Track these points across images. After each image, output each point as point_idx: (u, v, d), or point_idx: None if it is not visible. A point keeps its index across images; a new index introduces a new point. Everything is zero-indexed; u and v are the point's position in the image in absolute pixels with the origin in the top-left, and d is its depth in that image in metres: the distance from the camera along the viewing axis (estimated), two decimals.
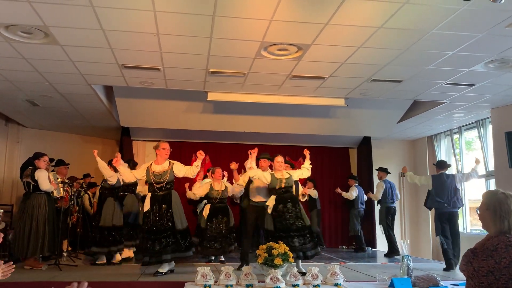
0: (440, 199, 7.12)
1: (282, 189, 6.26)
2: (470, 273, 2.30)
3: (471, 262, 2.31)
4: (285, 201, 6.23)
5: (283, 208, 6.19)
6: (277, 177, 6.29)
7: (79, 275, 5.83)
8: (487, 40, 5.14)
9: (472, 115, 9.00)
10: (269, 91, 7.51)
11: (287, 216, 6.14)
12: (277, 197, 6.25)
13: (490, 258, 2.26)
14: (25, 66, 6.16)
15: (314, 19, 4.68)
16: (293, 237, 6.04)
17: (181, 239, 5.95)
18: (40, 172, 6.39)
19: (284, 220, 6.13)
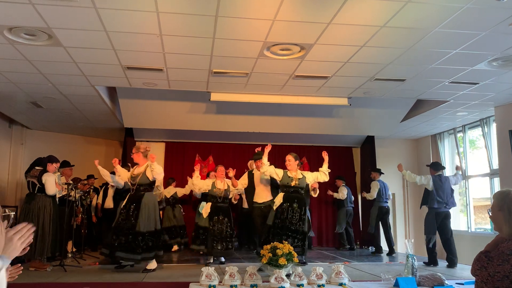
0: (440, 199, 7.36)
1: (291, 187, 6.27)
2: (485, 278, 2.25)
3: (486, 267, 2.27)
4: (291, 200, 6.26)
5: (288, 207, 6.20)
6: (289, 175, 6.32)
7: (83, 276, 5.85)
8: (490, 38, 5.12)
9: (476, 114, 8.97)
10: (272, 91, 7.51)
11: (289, 215, 6.15)
12: (284, 195, 6.26)
13: (506, 263, 2.21)
14: (29, 68, 6.18)
15: (316, 18, 4.67)
16: (287, 237, 6.11)
17: (142, 241, 6.06)
18: (48, 176, 6.44)
19: (285, 219, 6.14)
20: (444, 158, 10.96)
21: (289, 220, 6.18)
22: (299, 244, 6.19)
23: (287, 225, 6.15)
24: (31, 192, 6.49)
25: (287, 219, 6.18)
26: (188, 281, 5.04)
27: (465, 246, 9.77)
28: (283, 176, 6.35)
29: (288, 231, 6.17)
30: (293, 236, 6.17)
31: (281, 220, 6.18)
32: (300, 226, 6.22)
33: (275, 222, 6.22)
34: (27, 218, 6.35)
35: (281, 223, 6.16)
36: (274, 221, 6.23)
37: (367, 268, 6.79)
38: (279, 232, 6.11)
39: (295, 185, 6.29)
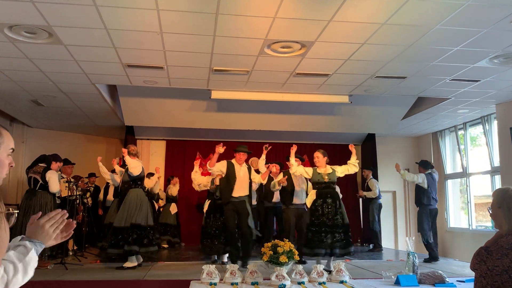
0: (434, 197, 7.75)
1: (323, 184, 6.31)
2: (484, 272, 2.26)
3: (485, 261, 2.27)
4: (325, 196, 6.28)
5: (322, 203, 6.24)
6: (319, 172, 6.35)
7: (85, 274, 5.85)
8: (491, 35, 5.10)
9: (477, 111, 8.95)
10: (272, 89, 7.49)
11: (325, 211, 6.18)
12: (317, 191, 6.31)
13: (505, 257, 2.22)
14: (29, 66, 6.17)
15: (317, 16, 4.66)
16: (327, 233, 6.11)
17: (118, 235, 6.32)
18: (52, 173, 6.47)
19: (321, 216, 6.18)
20: (445, 155, 10.96)
21: (326, 216, 6.19)
22: (341, 238, 6.16)
23: (324, 222, 6.17)
24: (32, 189, 6.49)
25: (323, 215, 6.20)
26: (189, 279, 5.04)
27: (466, 243, 9.78)
28: (313, 173, 6.39)
29: (326, 227, 6.17)
30: (333, 231, 6.15)
31: (317, 217, 6.21)
32: (339, 220, 6.22)
33: (312, 220, 6.23)
34: (27, 214, 6.34)
35: (318, 220, 6.19)
36: (311, 219, 6.25)
37: (368, 265, 6.79)
38: (318, 230, 6.13)
39: (327, 180, 6.32)
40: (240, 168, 6.55)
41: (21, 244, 1.47)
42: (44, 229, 1.56)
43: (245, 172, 6.56)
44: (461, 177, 10.40)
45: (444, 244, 10.72)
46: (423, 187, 7.69)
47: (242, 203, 6.40)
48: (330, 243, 6.06)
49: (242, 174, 6.52)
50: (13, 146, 1.61)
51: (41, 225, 1.56)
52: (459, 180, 10.66)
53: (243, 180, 6.47)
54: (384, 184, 10.45)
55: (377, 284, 4.82)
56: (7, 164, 1.57)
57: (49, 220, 1.58)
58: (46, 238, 1.55)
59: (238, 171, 6.52)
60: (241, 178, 6.48)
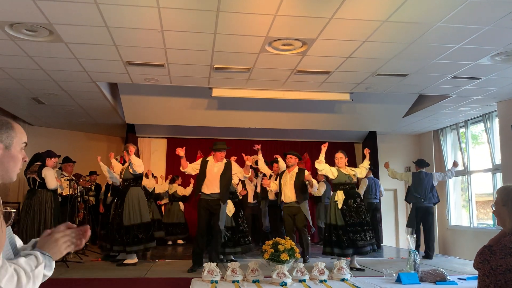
0: (418, 194, 7.80)
1: (349, 184, 6.41)
2: (487, 271, 2.25)
3: (488, 260, 2.27)
4: (353, 196, 6.40)
5: (353, 203, 6.33)
6: (345, 173, 6.43)
7: (86, 272, 5.86)
8: (493, 32, 5.09)
9: (478, 109, 8.94)
10: (274, 87, 7.49)
11: (357, 211, 6.30)
12: (345, 192, 6.38)
13: (509, 256, 2.21)
14: (30, 64, 6.18)
15: (318, 13, 4.65)
16: (358, 232, 6.21)
17: (129, 234, 6.38)
18: (48, 170, 6.45)
19: (355, 215, 6.28)
20: (446, 153, 10.94)
21: (358, 215, 6.30)
22: (372, 235, 6.35)
23: (359, 221, 6.28)
24: (32, 188, 6.50)
25: (356, 214, 6.30)
26: (190, 276, 5.04)
27: (467, 241, 9.78)
28: (339, 174, 6.45)
29: (358, 226, 6.27)
30: (365, 229, 6.25)
31: (351, 217, 6.28)
32: (365, 218, 6.37)
33: (346, 220, 6.26)
34: (29, 213, 6.38)
35: (352, 220, 6.27)
36: (345, 220, 6.27)
37: (369, 263, 6.78)
38: (350, 230, 6.22)
39: (352, 181, 6.44)
40: (215, 165, 6.27)
41: (33, 254, 1.43)
42: (57, 244, 1.51)
43: (219, 169, 6.25)
44: (462, 175, 10.38)
45: (445, 242, 10.72)
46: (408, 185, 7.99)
47: (214, 201, 6.13)
48: (362, 241, 6.20)
49: (216, 171, 6.23)
50: (26, 140, 1.58)
51: (55, 239, 1.51)
52: (460, 178, 10.65)
53: (215, 177, 6.18)
54: (385, 182, 10.43)
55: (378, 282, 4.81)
56: (21, 158, 1.55)
57: (64, 236, 1.53)
58: (57, 254, 1.50)
59: (211, 167, 6.26)
60: (214, 174, 6.20)
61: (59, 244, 1.51)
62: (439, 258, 8.06)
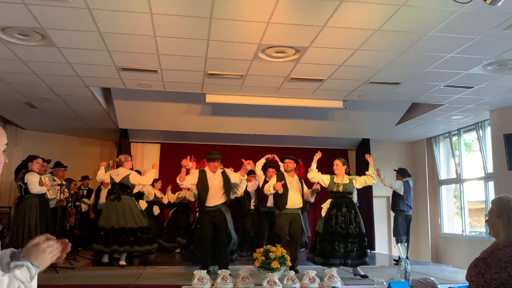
0: (409, 203, 8.25)
1: (338, 193, 6.32)
2: (481, 284, 2.24)
3: (483, 274, 2.25)
4: (340, 205, 6.28)
5: (336, 212, 6.24)
6: (335, 181, 6.37)
7: (76, 278, 5.81)
8: (485, 42, 5.12)
9: (471, 117, 8.98)
10: (267, 93, 7.49)
11: (340, 220, 6.19)
12: (332, 201, 6.33)
13: (504, 271, 2.20)
14: (23, 68, 6.15)
15: (311, 21, 4.66)
16: (340, 242, 6.10)
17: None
18: (30, 175, 6.40)
19: (335, 224, 6.18)
20: (439, 161, 10.98)
21: (340, 225, 6.17)
22: (355, 248, 6.15)
23: (338, 231, 6.16)
24: (20, 195, 6.50)
25: (337, 224, 6.19)
26: (180, 284, 5.00)
27: (460, 249, 9.79)
28: (330, 182, 6.40)
29: (339, 236, 6.15)
30: (345, 241, 6.13)
31: (331, 226, 6.20)
32: (354, 229, 6.20)
33: (326, 229, 6.20)
34: (16, 219, 6.39)
35: (331, 229, 6.18)
36: (324, 228, 6.23)
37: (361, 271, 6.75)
38: (331, 239, 6.14)
39: (342, 190, 6.32)
40: (214, 177, 6.25)
41: (25, 265, 1.42)
42: (44, 254, 1.51)
43: (219, 180, 6.24)
44: (455, 183, 10.42)
45: (437, 250, 10.73)
46: (400, 194, 8.09)
47: (218, 212, 6.13)
48: (343, 253, 6.07)
49: (216, 183, 6.22)
50: (7, 141, 1.59)
51: (42, 249, 1.51)
52: (453, 186, 10.68)
53: (217, 189, 6.17)
54: (378, 190, 10.45)
55: None
56: (2, 161, 1.54)
57: (49, 246, 1.53)
58: (43, 265, 1.50)
59: (211, 180, 6.23)
60: (215, 187, 6.18)
61: (46, 254, 1.51)
62: (431, 266, 8.06)
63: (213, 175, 6.25)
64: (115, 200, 7.03)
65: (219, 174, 6.29)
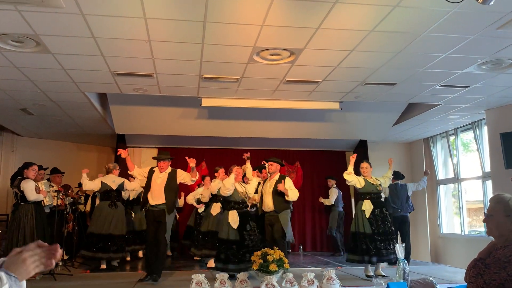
0: (394, 205, 8.40)
1: (375, 194, 6.52)
2: (480, 285, 2.21)
3: (482, 275, 2.22)
4: (380, 205, 6.53)
5: (380, 212, 6.44)
6: (372, 182, 6.57)
7: (74, 284, 5.79)
8: (479, 42, 5.13)
9: (468, 117, 8.99)
10: (263, 96, 7.49)
11: (382, 219, 6.40)
12: (372, 201, 6.49)
13: (503, 271, 2.17)
14: (17, 75, 6.13)
15: (305, 23, 4.66)
16: (383, 242, 6.30)
17: None
18: (26, 182, 6.38)
19: (382, 224, 6.37)
20: (437, 161, 10.99)
21: (383, 225, 6.37)
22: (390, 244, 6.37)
23: (382, 231, 6.36)
24: (16, 202, 6.48)
25: (382, 223, 6.38)
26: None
27: (458, 249, 9.78)
28: (366, 183, 6.58)
29: (384, 235, 6.35)
30: (389, 238, 6.34)
31: (380, 227, 6.37)
32: (390, 228, 6.47)
33: (373, 229, 6.36)
34: (12, 227, 6.38)
35: (382, 230, 6.36)
36: (372, 229, 6.37)
37: (360, 273, 6.75)
38: (377, 238, 6.30)
39: (378, 191, 6.57)
40: (159, 176, 6.26)
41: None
42: (25, 264, 1.39)
43: (163, 179, 6.22)
44: (453, 182, 10.42)
45: (436, 249, 10.72)
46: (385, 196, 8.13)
47: (160, 212, 6.09)
48: (387, 250, 6.27)
49: (160, 182, 6.20)
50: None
51: (23, 259, 1.39)
52: (452, 185, 10.68)
53: (159, 188, 6.15)
54: None
55: None
56: None
57: (32, 255, 1.42)
58: (24, 275, 1.39)
59: (155, 178, 6.24)
60: (157, 185, 6.17)
61: (27, 264, 1.40)
62: (430, 267, 8.06)
63: (159, 175, 6.30)
64: (112, 206, 7.34)
65: (166, 174, 6.31)
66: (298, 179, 11.01)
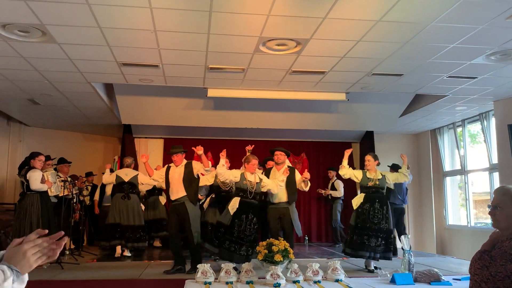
0: (400, 196, 8.56)
1: (371, 188, 6.40)
2: (485, 277, 2.19)
3: (487, 267, 2.21)
4: (373, 201, 6.36)
5: (369, 207, 6.33)
6: (368, 176, 6.44)
7: (80, 273, 5.84)
8: (487, 32, 5.07)
9: (475, 108, 8.92)
10: (269, 87, 7.46)
11: (371, 215, 6.28)
12: (365, 195, 6.40)
13: (509, 263, 2.16)
14: (24, 65, 6.15)
15: (311, 13, 4.62)
16: (370, 236, 6.19)
17: None
18: (33, 172, 6.45)
19: (367, 219, 6.27)
20: (443, 152, 10.93)
21: (371, 220, 6.27)
22: (383, 243, 6.27)
23: (368, 225, 6.26)
24: (22, 191, 6.54)
25: (368, 219, 6.28)
26: (183, 278, 5.02)
27: (465, 240, 9.76)
28: (362, 177, 6.47)
29: (370, 231, 6.25)
30: (376, 235, 6.23)
31: (362, 220, 6.29)
32: (383, 225, 6.29)
33: (357, 222, 6.33)
34: (19, 216, 6.43)
35: (363, 223, 6.28)
36: (356, 221, 6.35)
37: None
38: (362, 232, 6.24)
39: (375, 185, 6.40)
40: (175, 170, 6.32)
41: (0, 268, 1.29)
42: (25, 257, 1.34)
43: (180, 173, 6.26)
44: (460, 174, 10.37)
45: (442, 241, 10.71)
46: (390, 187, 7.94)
47: (181, 206, 6.13)
48: (373, 247, 6.16)
49: (177, 176, 6.25)
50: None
51: (23, 251, 1.34)
52: (458, 177, 10.63)
53: (178, 182, 6.20)
54: None
55: (373, 282, 4.79)
56: None
57: (33, 247, 1.36)
58: (26, 267, 1.34)
59: (172, 174, 6.32)
60: (175, 180, 6.22)
61: (28, 257, 1.35)
62: (436, 258, 8.05)
63: (175, 169, 6.36)
64: (125, 198, 7.63)
65: (182, 167, 6.33)
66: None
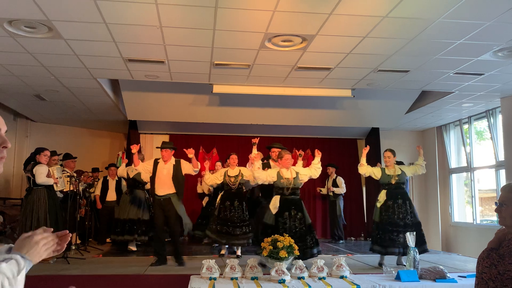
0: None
1: (392, 185, 6.41)
2: (493, 276, 2.17)
3: (496, 265, 2.18)
4: (395, 197, 6.37)
5: (392, 203, 6.33)
6: (388, 173, 6.45)
7: (86, 268, 5.88)
8: (495, 28, 5.02)
9: (482, 105, 8.86)
10: (274, 83, 7.45)
11: (396, 211, 6.28)
12: (387, 192, 6.41)
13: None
14: (31, 60, 6.18)
15: (317, 9, 4.61)
16: (399, 232, 6.17)
17: None
18: (39, 166, 6.50)
19: (392, 215, 6.27)
20: (450, 149, 10.88)
21: (397, 216, 6.27)
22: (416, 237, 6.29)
23: (396, 221, 6.26)
24: (29, 186, 6.58)
25: (394, 215, 6.29)
26: (189, 273, 5.05)
27: (471, 238, 9.73)
28: (382, 174, 6.48)
29: (397, 226, 6.25)
30: (405, 231, 6.12)
31: (388, 217, 6.31)
32: (410, 219, 6.30)
33: (382, 218, 6.34)
34: (25, 211, 6.47)
35: (388, 220, 6.29)
36: (380, 218, 6.36)
37: (370, 260, 6.76)
38: (388, 229, 6.25)
39: (396, 181, 6.42)
40: (164, 166, 6.38)
41: (13, 258, 1.34)
42: (38, 247, 1.42)
43: (168, 170, 6.35)
44: (466, 171, 10.32)
45: (448, 238, 10.68)
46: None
47: (167, 201, 6.26)
48: (403, 242, 6.08)
49: (166, 172, 6.33)
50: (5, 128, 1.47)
51: (35, 241, 1.43)
52: (464, 174, 10.59)
53: (166, 178, 6.29)
54: None
55: (378, 279, 4.80)
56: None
57: (45, 237, 1.46)
58: (37, 257, 1.42)
59: (160, 169, 6.38)
60: (164, 176, 6.30)
61: (39, 247, 1.43)
62: (441, 255, 8.02)
63: (164, 165, 6.42)
64: (130, 194, 7.85)
65: (170, 165, 6.41)
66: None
